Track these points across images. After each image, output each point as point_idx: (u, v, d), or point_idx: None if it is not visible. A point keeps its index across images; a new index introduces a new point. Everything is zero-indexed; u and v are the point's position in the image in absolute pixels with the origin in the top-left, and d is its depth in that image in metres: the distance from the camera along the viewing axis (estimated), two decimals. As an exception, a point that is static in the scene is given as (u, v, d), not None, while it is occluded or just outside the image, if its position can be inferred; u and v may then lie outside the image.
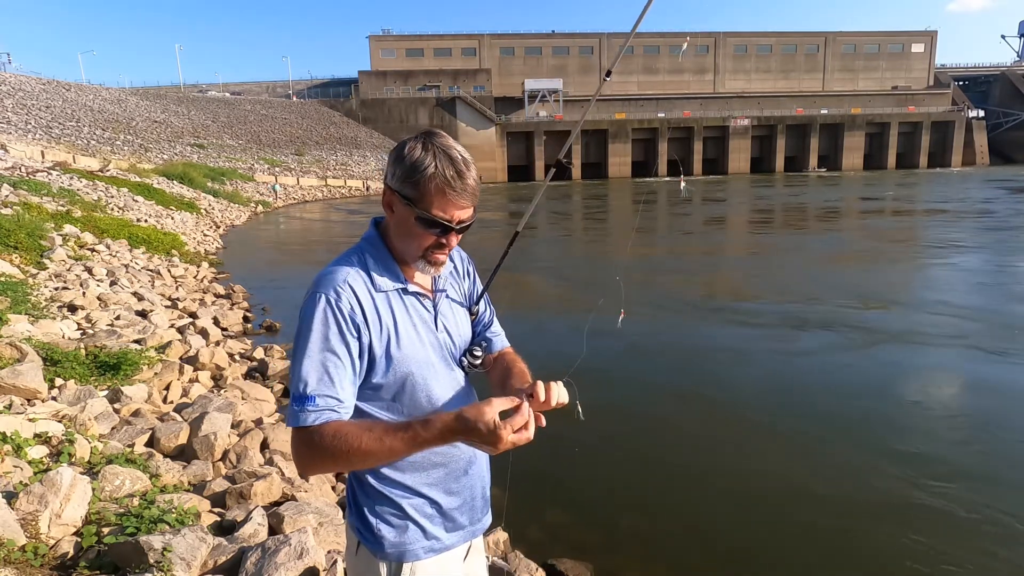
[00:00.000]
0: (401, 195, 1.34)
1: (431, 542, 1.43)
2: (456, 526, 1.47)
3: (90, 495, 3.04)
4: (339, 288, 1.31)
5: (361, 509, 1.43)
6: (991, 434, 5.23)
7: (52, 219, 12.49)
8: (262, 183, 40.21)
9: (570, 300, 11.07)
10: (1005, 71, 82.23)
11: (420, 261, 1.40)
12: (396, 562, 1.41)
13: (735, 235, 21.21)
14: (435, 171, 1.29)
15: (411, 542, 1.42)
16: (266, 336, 8.62)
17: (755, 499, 4.32)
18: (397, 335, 1.36)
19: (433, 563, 1.44)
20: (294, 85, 75.99)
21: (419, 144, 1.33)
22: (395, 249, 1.42)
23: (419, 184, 1.30)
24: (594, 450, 5.01)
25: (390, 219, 1.41)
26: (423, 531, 1.43)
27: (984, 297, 10.37)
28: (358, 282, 1.34)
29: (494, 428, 1.15)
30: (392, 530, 1.41)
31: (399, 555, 1.41)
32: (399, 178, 1.33)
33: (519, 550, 3.48)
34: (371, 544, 1.41)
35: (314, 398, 1.25)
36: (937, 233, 19.14)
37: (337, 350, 1.28)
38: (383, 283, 1.37)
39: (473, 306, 1.59)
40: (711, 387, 6.50)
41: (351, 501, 1.47)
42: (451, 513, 1.46)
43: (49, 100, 41.59)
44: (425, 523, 1.43)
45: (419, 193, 1.31)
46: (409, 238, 1.37)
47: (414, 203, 1.32)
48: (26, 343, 5.19)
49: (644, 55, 75.72)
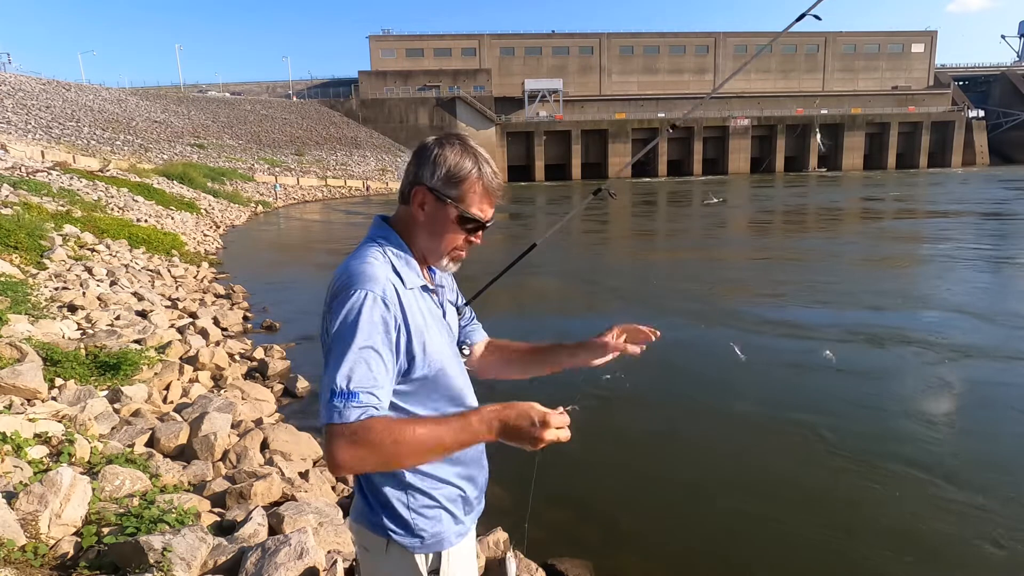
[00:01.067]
0: (441, 194, 1.39)
1: (459, 527, 1.47)
2: (471, 509, 1.52)
3: (90, 495, 3.04)
4: (383, 285, 1.31)
5: (390, 506, 1.41)
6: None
7: (52, 219, 12.49)
8: (262, 183, 40.23)
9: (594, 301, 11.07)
10: (1005, 71, 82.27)
11: (444, 258, 1.46)
12: (434, 552, 1.43)
13: (774, 239, 19.70)
14: (480, 173, 1.39)
15: (446, 530, 1.44)
16: (266, 336, 8.61)
17: (756, 500, 4.32)
18: (428, 330, 1.39)
19: (461, 547, 1.49)
20: (294, 85, 76.01)
21: (456, 148, 1.40)
22: (415, 247, 1.45)
23: (463, 184, 1.38)
24: (594, 450, 5.01)
25: (419, 217, 1.43)
26: (454, 518, 1.46)
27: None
28: (395, 279, 1.36)
29: (540, 422, 1.22)
30: (428, 522, 1.42)
31: (437, 544, 1.43)
32: (441, 179, 1.38)
33: (519, 550, 3.48)
34: (406, 540, 1.41)
35: (357, 394, 1.21)
36: (978, 236, 18.06)
37: (380, 348, 1.27)
38: (410, 280, 1.39)
39: (463, 307, 1.66)
40: (715, 390, 6.51)
41: (371, 502, 1.43)
42: (471, 498, 1.51)
43: (49, 100, 41.60)
44: (455, 510, 1.46)
45: (462, 193, 1.39)
46: (441, 236, 1.43)
47: (457, 202, 1.39)
48: (26, 343, 5.19)
49: (644, 55, 75.78)
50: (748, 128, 70.50)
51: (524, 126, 67.40)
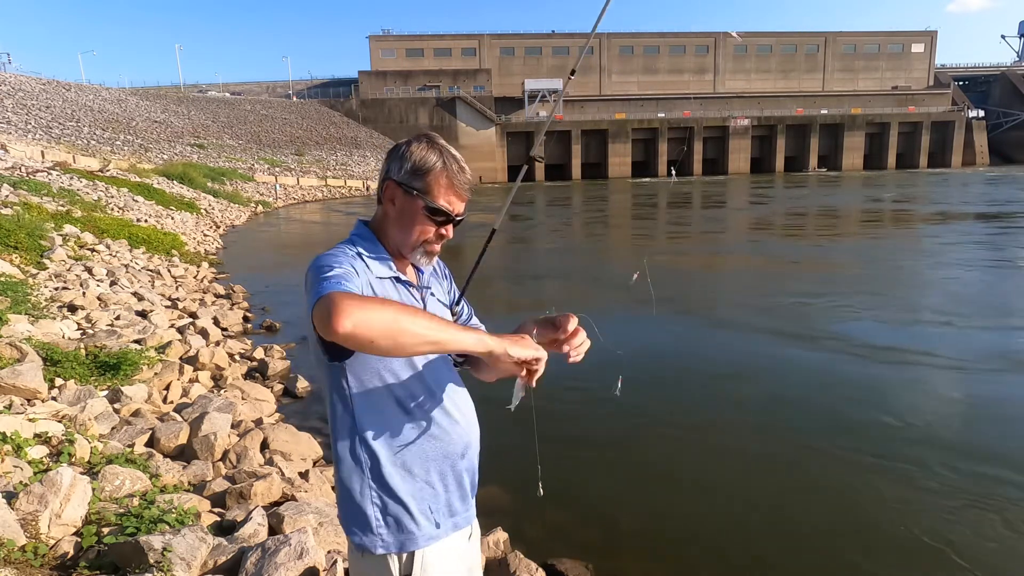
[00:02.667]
0: (408, 187, 1.45)
1: (434, 529, 1.45)
2: (452, 511, 1.49)
3: (90, 495, 3.04)
4: (350, 260, 1.37)
5: (358, 509, 1.42)
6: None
7: (52, 219, 12.49)
8: (262, 183, 40.21)
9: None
10: (1005, 71, 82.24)
11: (417, 251, 1.50)
12: (406, 553, 1.42)
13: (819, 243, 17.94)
14: (444, 166, 1.45)
15: (416, 531, 1.42)
16: (266, 336, 8.61)
17: (756, 500, 4.32)
18: None
19: (439, 548, 1.46)
20: (294, 85, 76.00)
21: (423, 144, 1.46)
22: (389, 242, 1.50)
23: (428, 176, 1.44)
24: (594, 450, 5.01)
25: (390, 212, 1.49)
26: (426, 519, 1.44)
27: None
28: (360, 263, 1.41)
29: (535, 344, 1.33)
30: (395, 523, 1.41)
31: (406, 544, 1.42)
32: (408, 172, 1.45)
33: (519, 550, 3.48)
34: (376, 543, 1.41)
35: (350, 276, 1.29)
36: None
37: (343, 264, 1.33)
38: (379, 270, 1.45)
39: (454, 306, 1.68)
40: (716, 390, 6.51)
41: (345, 504, 1.45)
42: (448, 498, 1.48)
43: (49, 100, 41.59)
44: (426, 511, 1.44)
45: (427, 184, 1.44)
46: (410, 228, 1.47)
47: (423, 194, 1.44)
48: (26, 343, 5.19)
49: (644, 55, 75.77)
50: (748, 128, 70.47)
51: (524, 126, 67.35)
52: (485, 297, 2.36)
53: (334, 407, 1.43)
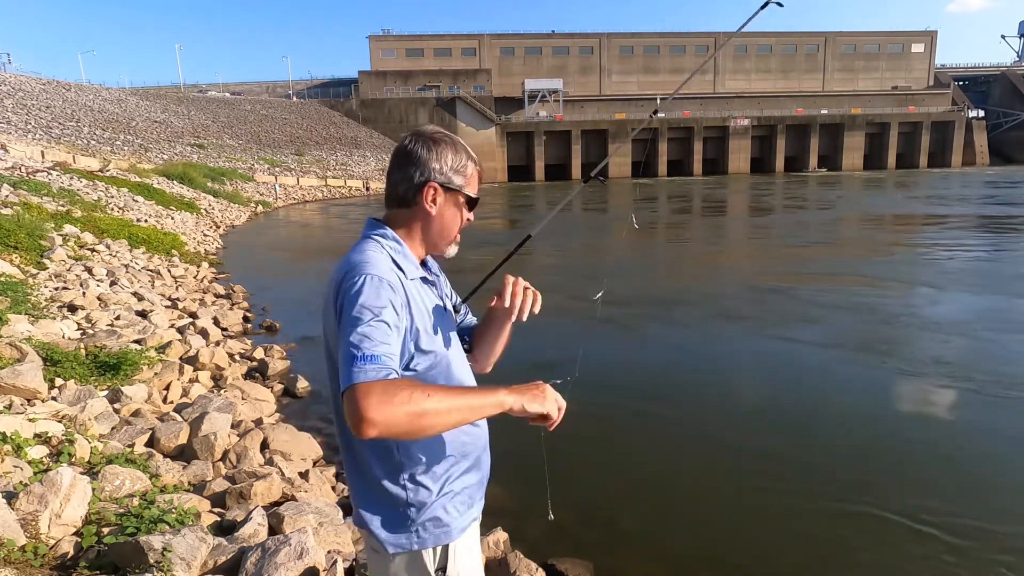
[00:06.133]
0: (452, 186, 1.49)
1: (463, 519, 1.48)
2: (473, 501, 1.53)
3: (90, 495, 3.04)
4: (386, 271, 1.36)
5: (391, 506, 1.41)
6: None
7: (52, 219, 12.49)
8: (262, 183, 40.23)
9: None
10: (1005, 71, 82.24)
11: (452, 244, 1.56)
12: (441, 546, 1.43)
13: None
14: (472, 159, 1.54)
15: (450, 524, 1.44)
16: (266, 336, 8.61)
17: (756, 500, 4.31)
18: (433, 319, 1.44)
19: (466, 539, 1.50)
20: (294, 85, 75.98)
21: (444, 141, 1.49)
22: (418, 242, 1.52)
23: (465, 171, 1.51)
24: (594, 450, 5.01)
25: (430, 212, 1.49)
26: (458, 511, 1.47)
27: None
28: (396, 269, 1.41)
29: (552, 395, 1.37)
30: (433, 517, 1.42)
31: (441, 538, 1.43)
32: (449, 171, 1.49)
33: (519, 550, 3.48)
34: (412, 540, 1.41)
35: (379, 356, 1.21)
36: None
37: (389, 321, 1.29)
38: (410, 271, 1.45)
39: (459, 305, 1.70)
40: (716, 390, 6.51)
41: (372, 502, 1.43)
42: (472, 490, 1.52)
43: (49, 100, 41.59)
44: (457, 503, 1.47)
45: (466, 179, 1.52)
46: (453, 223, 1.53)
47: (462, 188, 1.51)
48: (26, 343, 5.19)
49: (644, 55, 75.76)
50: (748, 128, 70.47)
51: (524, 126, 67.35)
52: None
53: None
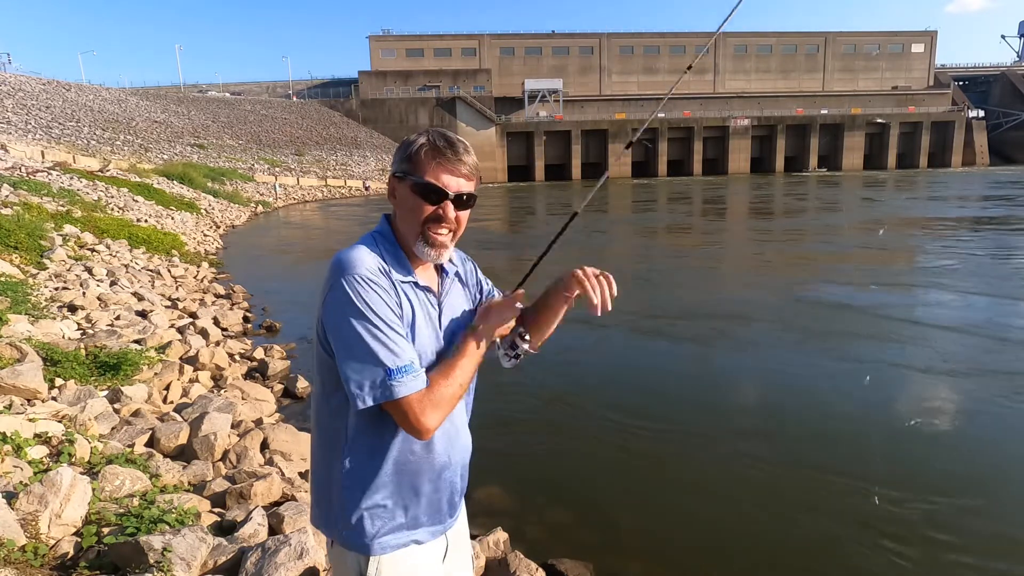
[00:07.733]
0: (399, 172, 1.43)
1: (396, 536, 1.46)
2: (417, 523, 1.49)
3: (90, 495, 3.04)
4: (369, 266, 1.36)
5: (330, 505, 1.46)
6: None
7: (52, 219, 12.49)
8: (262, 183, 40.24)
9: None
10: (1005, 71, 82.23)
11: (420, 242, 1.43)
12: (364, 555, 1.44)
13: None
14: (425, 141, 1.40)
15: (378, 537, 1.44)
16: (266, 336, 8.61)
17: (757, 500, 4.31)
18: (414, 324, 1.41)
19: (400, 557, 1.46)
20: (294, 85, 75.97)
21: (418, 133, 1.45)
22: (404, 239, 1.46)
23: (412, 156, 1.40)
24: (594, 450, 5.01)
25: (394, 206, 1.48)
26: (389, 526, 1.45)
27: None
28: (381, 266, 1.39)
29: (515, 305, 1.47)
30: (360, 524, 1.43)
31: (366, 549, 1.43)
32: (397, 159, 1.44)
33: (519, 550, 3.48)
34: (341, 538, 1.45)
35: (411, 366, 1.32)
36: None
37: (390, 319, 1.33)
38: (399, 273, 1.43)
39: (491, 291, 1.70)
40: (717, 391, 6.51)
41: (319, 498, 1.50)
42: (415, 511, 1.48)
43: (49, 100, 41.58)
44: (390, 518, 1.45)
45: (412, 164, 1.40)
46: (410, 215, 1.42)
47: (408, 174, 1.41)
48: (26, 343, 5.19)
49: (644, 55, 75.76)
50: (748, 128, 70.48)
51: (524, 126, 67.35)
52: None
53: (328, 402, 1.44)
